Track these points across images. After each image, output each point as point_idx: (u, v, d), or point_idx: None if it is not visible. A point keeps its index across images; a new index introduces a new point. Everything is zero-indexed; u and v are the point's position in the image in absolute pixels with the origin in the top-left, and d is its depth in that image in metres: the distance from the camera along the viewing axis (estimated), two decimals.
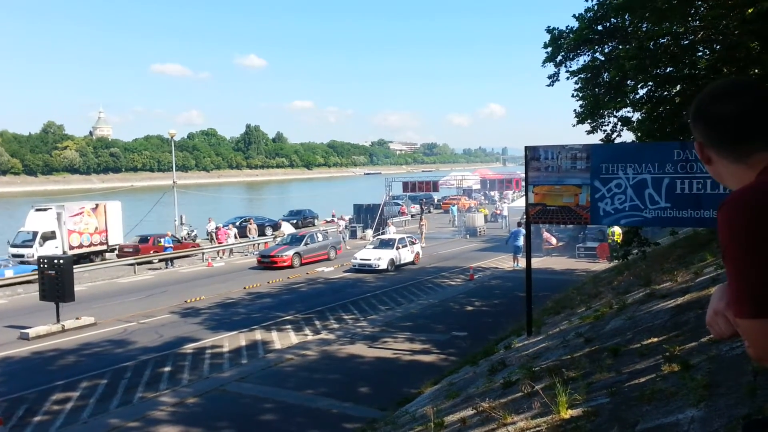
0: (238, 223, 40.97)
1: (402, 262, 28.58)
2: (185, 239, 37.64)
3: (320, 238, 32.63)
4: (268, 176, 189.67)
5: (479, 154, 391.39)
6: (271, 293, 24.10)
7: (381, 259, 27.37)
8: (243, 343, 17.08)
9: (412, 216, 50.94)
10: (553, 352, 8.83)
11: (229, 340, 17.31)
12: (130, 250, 32.73)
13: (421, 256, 30.36)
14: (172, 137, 47.59)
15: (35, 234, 30.62)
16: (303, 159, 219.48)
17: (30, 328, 18.31)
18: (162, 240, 33.49)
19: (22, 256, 30.28)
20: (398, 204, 52.14)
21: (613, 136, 15.59)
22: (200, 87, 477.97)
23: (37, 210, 32.63)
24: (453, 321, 18.40)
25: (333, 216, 47.62)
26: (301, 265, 29.85)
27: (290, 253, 29.85)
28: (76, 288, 19.56)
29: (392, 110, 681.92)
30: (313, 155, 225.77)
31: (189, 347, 16.69)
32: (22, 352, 16.58)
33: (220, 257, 35.20)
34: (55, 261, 18.84)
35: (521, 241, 25.87)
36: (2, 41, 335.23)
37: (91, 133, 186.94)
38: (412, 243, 29.79)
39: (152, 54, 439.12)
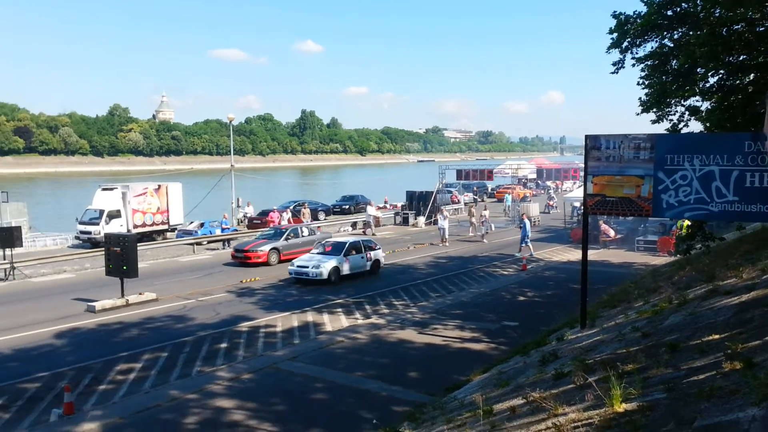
0: (292, 207, 41.57)
1: (351, 271, 23.46)
2: (240, 222, 38.46)
3: (306, 233, 29.32)
4: (321, 161, 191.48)
5: (536, 143, 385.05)
6: None
7: (321, 267, 22.49)
8: (295, 323, 17.42)
9: (465, 204, 50.60)
10: (607, 346, 8.68)
11: (282, 321, 17.69)
12: (258, 222, 37.10)
13: (383, 264, 25.31)
14: (230, 122, 48.49)
15: (102, 212, 31.85)
16: (357, 145, 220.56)
17: (96, 301, 19.15)
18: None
19: (89, 233, 31.58)
20: (450, 192, 51.87)
21: (680, 126, 15.06)
22: (258, 72, 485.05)
23: (104, 189, 33.93)
24: (504, 310, 18.28)
25: (385, 202, 47.79)
26: (280, 262, 26.56)
27: (266, 248, 26.79)
28: (140, 265, 20.28)
29: (448, 97, 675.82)
30: (367, 141, 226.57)
31: (244, 325, 17.14)
32: (88, 324, 17.38)
33: None
34: (120, 238, 19.62)
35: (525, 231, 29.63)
36: (72, 27, 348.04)
37: (154, 117, 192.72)
38: (370, 248, 24.73)
39: (212, 39, 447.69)
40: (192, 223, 35.82)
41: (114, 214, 32.05)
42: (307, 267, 22.63)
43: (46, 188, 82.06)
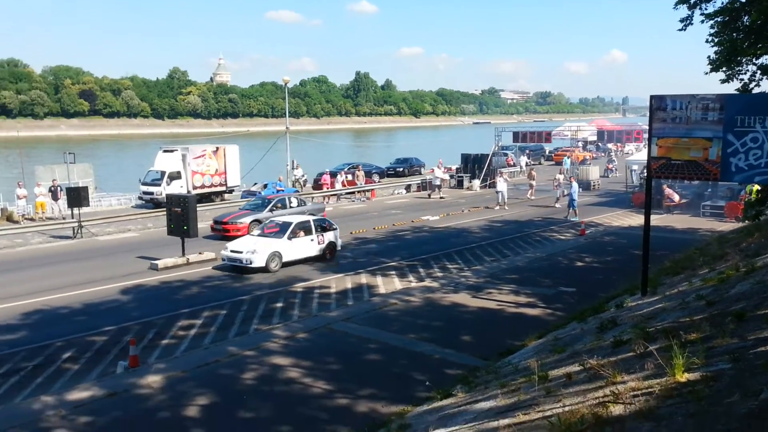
0: (346, 170, 41.73)
1: (296, 257, 19.78)
2: (295, 184, 38.90)
3: (294, 203, 26.85)
4: (375, 123, 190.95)
5: (597, 104, 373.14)
6: (376, 239, 24.56)
7: (257, 252, 18.85)
8: (349, 285, 17.61)
9: (526, 165, 49.66)
10: (669, 314, 8.44)
11: (336, 282, 17.91)
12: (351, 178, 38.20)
13: (339, 247, 21.34)
14: (285, 84, 48.64)
15: (163, 174, 32.74)
16: (411, 107, 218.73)
17: (159, 259, 19.80)
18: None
19: (151, 193, 32.56)
20: (506, 155, 50.95)
21: (751, 85, 14.24)
22: (312, 34, 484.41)
23: (165, 151, 34.81)
24: (561, 276, 18.00)
25: (440, 165, 47.35)
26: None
27: (247, 220, 24.55)
28: (199, 225, 20.81)
29: (504, 58, 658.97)
30: (421, 103, 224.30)
31: (299, 286, 17.45)
32: (151, 281, 18.03)
33: (327, 202, 36.10)
34: (181, 199, 20.15)
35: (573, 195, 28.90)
36: None
37: (211, 80, 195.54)
38: (323, 229, 20.80)
39: (268, 1, 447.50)
40: (256, 184, 36.45)
41: (174, 176, 32.89)
42: (241, 252, 18.94)
43: (109, 150, 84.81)
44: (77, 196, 25.06)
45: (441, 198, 35.80)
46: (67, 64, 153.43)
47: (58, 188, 29.96)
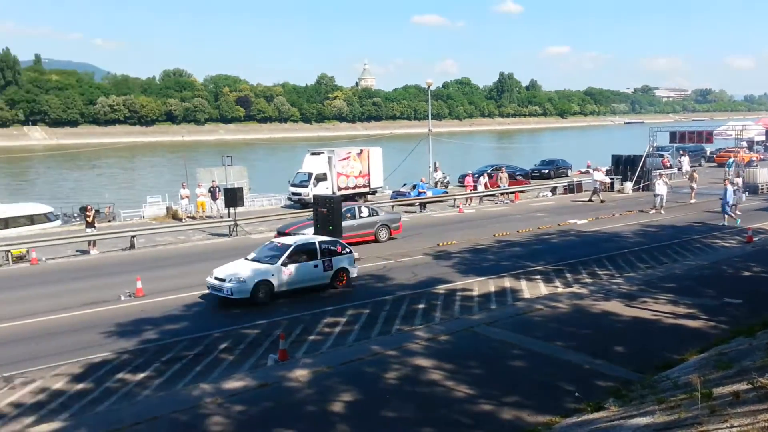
0: (488, 172, 41.17)
1: (292, 286, 16.84)
2: (437, 186, 39.01)
3: (365, 213, 24.64)
4: (519, 125, 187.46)
5: (764, 101, 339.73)
6: (520, 242, 23.92)
7: (240, 280, 16.07)
8: (492, 289, 17.26)
9: (679, 170, 46.23)
10: None
11: (478, 285, 17.64)
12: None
13: (354, 274, 18.10)
14: (428, 87, 49.13)
15: (310, 175, 34.21)
16: (557, 107, 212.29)
17: None
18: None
19: (299, 194, 34.14)
20: (662, 156, 47.65)
21: None
22: (456, 36, 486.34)
23: (312, 154, 36.40)
24: (725, 286, 16.41)
25: (588, 167, 45.34)
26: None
27: (309, 231, 22.02)
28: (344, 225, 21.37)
29: (658, 54, 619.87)
30: (568, 103, 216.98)
31: (441, 288, 17.38)
32: None
33: (469, 204, 35.84)
34: (327, 200, 20.88)
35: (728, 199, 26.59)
36: (292, 2, 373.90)
37: (356, 84, 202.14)
38: (332, 253, 17.67)
39: (414, 5, 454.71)
40: (405, 185, 37.11)
41: (321, 177, 34.24)
42: (224, 281, 16.25)
43: (261, 153, 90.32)
44: (233, 197, 26.84)
45: (601, 201, 34.16)
46: (226, 74, 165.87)
47: (217, 189, 32.32)
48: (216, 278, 16.47)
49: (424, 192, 35.28)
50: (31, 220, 33.18)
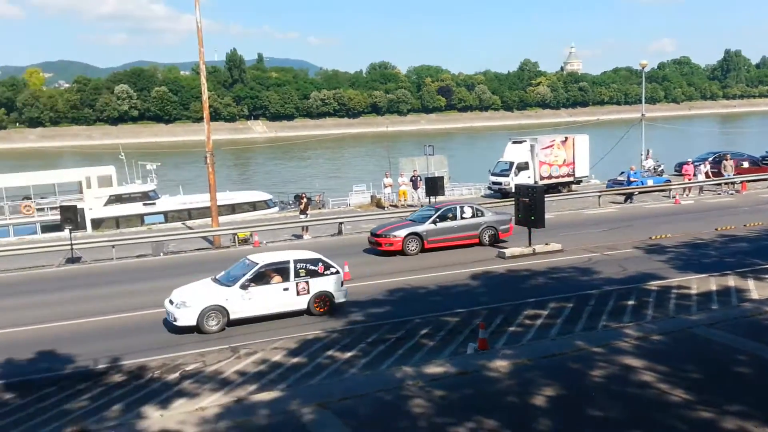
0: (710, 159, 37.26)
1: (253, 313, 14.34)
2: (650, 174, 36.23)
3: (467, 213, 22.01)
4: (748, 107, 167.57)
5: None
6: (748, 237, 21.43)
7: (186, 306, 13.79)
8: (713, 287, 15.69)
9: None
10: None
11: (697, 283, 16.12)
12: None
13: (342, 299, 15.21)
14: (642, 68, 45.56)
15: (511, 164, 33.72)
16: None
17: (507, 248, 20.40)
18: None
19: (499, 183, 33.82)
20: None
21: None
22: (674, 12, 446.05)
23: (514, 142, 35.83)
24: None
25: None
26: (424, 251, 20.99)
27: (402, 233, 20.73)
28: (546, 216, 20.78)
29: None
30: None
31: (653, 284, 16.16)
32: (499, 269, 18.69)
33: (687, 195, 32.84)
34: (529, 190, 20.42)
35: None
36: None
37: (562, 69, 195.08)
38: (310, 273, 14.85)
39: None
40: (623, 173, 35.14)
41: (522, 166, 33.57)
42: (173, 304, 14.13)
43: (461, 142, 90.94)
44: (434, 186, 27.37)
45: None
46: (428, 64, 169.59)
47: (418, 178, 33.18)
48: (170, 300, 14.34)
49: (637, 181, 32.92)
50: (254, 206, 36.99)
